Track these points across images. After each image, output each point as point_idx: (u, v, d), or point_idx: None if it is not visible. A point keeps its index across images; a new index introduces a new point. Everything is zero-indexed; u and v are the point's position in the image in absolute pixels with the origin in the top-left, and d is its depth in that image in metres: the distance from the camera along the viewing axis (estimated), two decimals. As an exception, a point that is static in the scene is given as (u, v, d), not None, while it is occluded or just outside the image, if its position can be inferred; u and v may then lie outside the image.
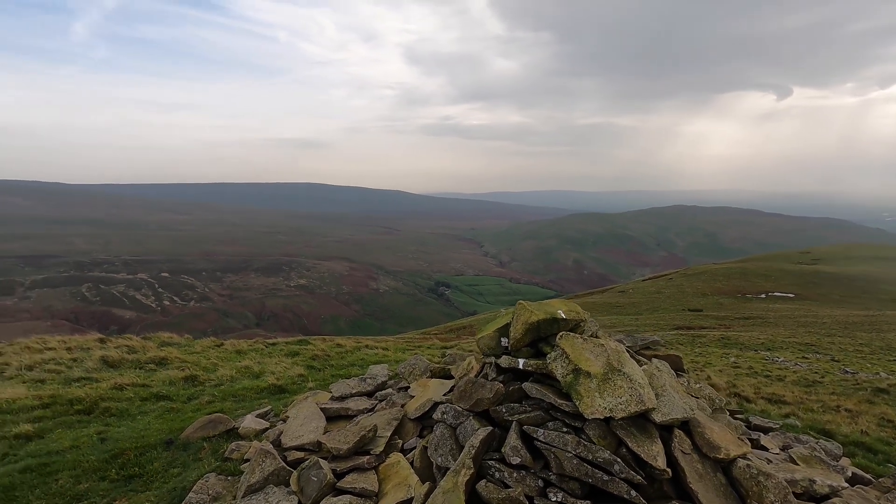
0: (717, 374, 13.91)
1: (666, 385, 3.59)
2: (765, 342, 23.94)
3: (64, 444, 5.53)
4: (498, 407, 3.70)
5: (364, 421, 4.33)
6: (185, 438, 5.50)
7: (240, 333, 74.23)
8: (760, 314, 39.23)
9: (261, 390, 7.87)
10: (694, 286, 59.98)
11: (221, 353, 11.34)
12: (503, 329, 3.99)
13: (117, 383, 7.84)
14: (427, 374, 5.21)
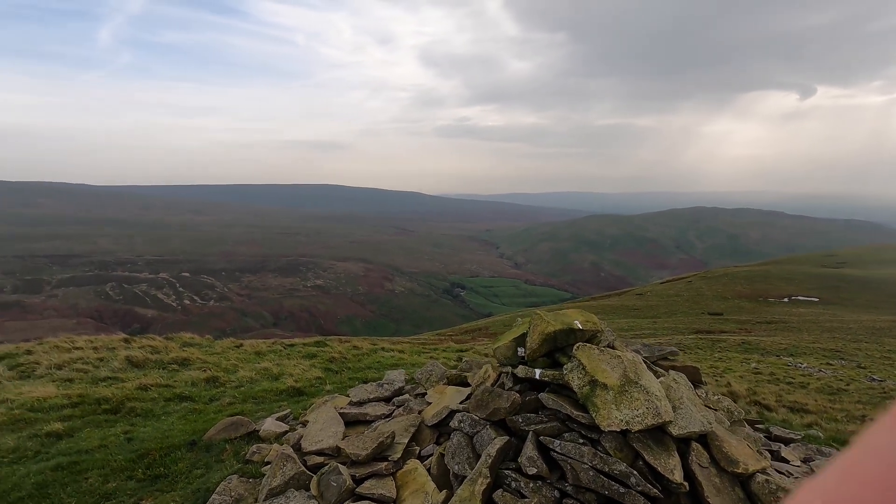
0: (738, 380, 13.68)
1: (683, 397, 3.58)
2: (787, 347, 23.43)
3: (92, 443, 5.73)
4: (514, 417, 3.73)
5: (382, 427, 4.40)
6: (207, 440, 5.65)
7: (257, 333, 75.34)
8: (783, 318, 38.39)
9: (280, 392, 8.02)
10: (714, 289, 58.95)
11: (241, 354, 11.56)
12: (520, 339, 4.02)
13: (142, 383, 8.07)
14: (444, 380, 5.26)
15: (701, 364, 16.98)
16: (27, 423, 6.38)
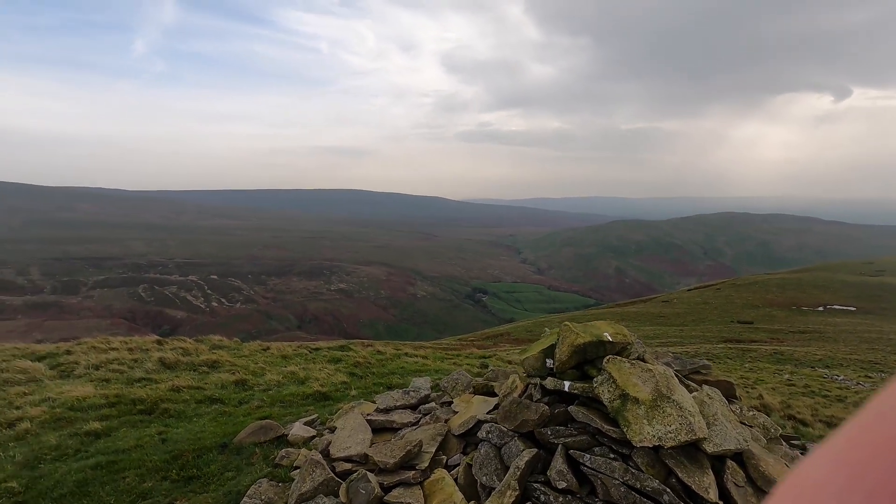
0: (770, 392, 13.24)
1: (717, 413, 3.50)
2: (823, 358, 22.57)
3: (129, 443, 5.92)
4: (543, 429, 3.71)
5: (409, 435, 4.43)
6: (238, 443, 5.78)
7: (282, 335, 76.62)
8: (818, 328, 37.01)
9: (306, 396, 8.14)
10: (744, 297, 57.24)
11: (268, 357, 11.77)
12: (548, 350, 4.00)
13: (174, 385, 8.31)
14: (469, 389, 5.26)
15: (731, 374, 16.49)
16: (68, 421, 6.64)
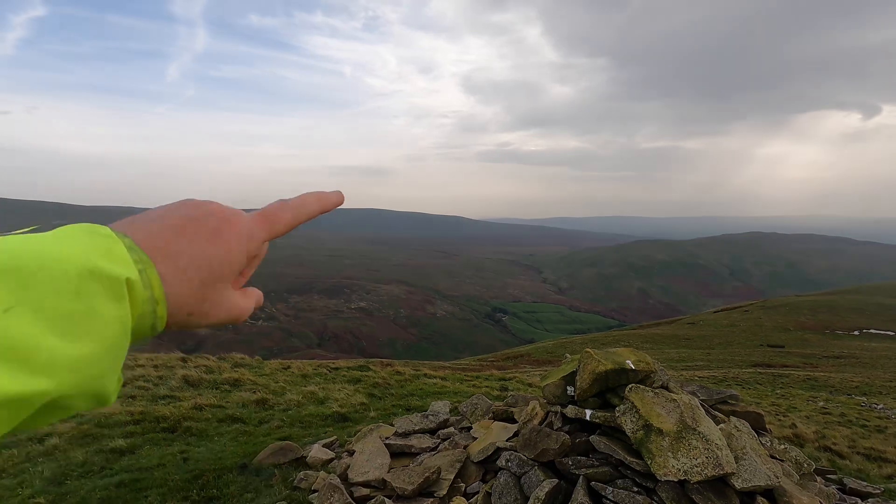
0: (804, 421, 12.70)
1: (746, 447, 3.37)
2: (860, 386, 21.60)
3: (152, 462, 6.00)
4: (564, 459, 3.63)
5: (428, 461, 4.39)
6: (257, 463, 5.81)
7: (302, 353, 77.21)
8: (853, 353, 35.52)
9: (325, 417, 8.15)
10: (774, 320, 55.46)
11: (288, 376, 11.87)
12: (569, 377, 3.94)
13: (197, 403, 8.43)
14: (489, 414, 5.20)
15: (761, 401, 15.89)
16: (94, 438, 6.78)
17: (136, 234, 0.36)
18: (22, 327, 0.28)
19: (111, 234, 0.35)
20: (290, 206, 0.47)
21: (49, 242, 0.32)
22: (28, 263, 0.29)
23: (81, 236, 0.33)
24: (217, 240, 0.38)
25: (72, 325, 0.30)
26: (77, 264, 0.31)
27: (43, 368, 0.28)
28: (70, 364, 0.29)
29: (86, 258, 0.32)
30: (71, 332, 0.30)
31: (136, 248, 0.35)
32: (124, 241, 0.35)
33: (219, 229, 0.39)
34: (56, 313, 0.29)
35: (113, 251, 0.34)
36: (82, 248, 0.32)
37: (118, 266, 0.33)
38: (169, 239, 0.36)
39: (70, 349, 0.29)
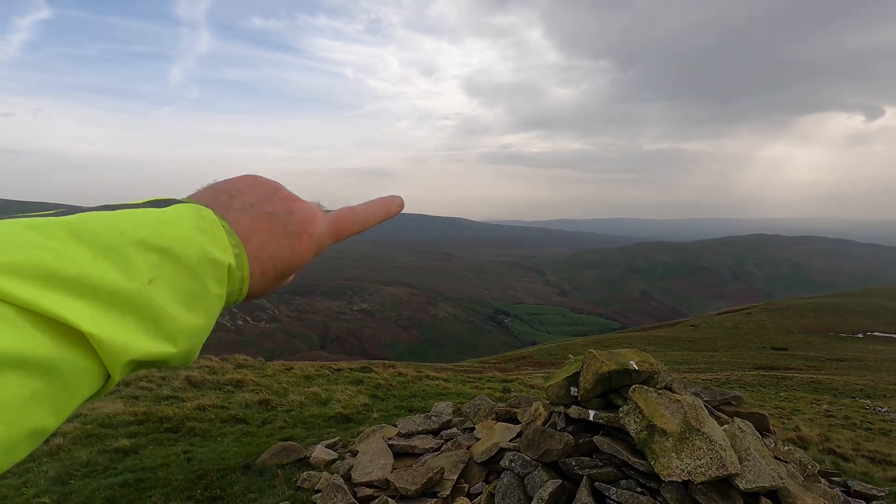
0: (808, 423, 12.63)
1: (750, 448, 3.37)
2: (864, 388, 21.48)
3: (156, 462, 6.02)
4: (567, 459, 3.63)
5: (431, 462, 4.39)
6: (260, 464, 5.82)
7: (305, 355, 77.25)
8: (857, 356, 35.37)
9: (328, 418, 8.16)
10: (777, 322, 55.27)
11: (291, 377, 11.88)
12: (572, 377, 3.94)
13: (200, 404, 8.45)
14: (492, 415, 5.20)
15: (765, 404, 15.82)
16: (98, 438, 6.80)
17: (229, 218, 0.39)
18: (163, 297, 0.31)
19: (214, 218, 0.38)
20: (358, 214, 0.51)
21: (172, 222, 0.33)
22: (164, 243, 0.32)
23: (193, 218, 0.36)
24: (295, 244, 0.43)
25: (191, 300, 0.33)
26: (195, 247, 0.34)
27: (171, 335, 0.31)
28: (188, 332, 0.33)
29: (200, 242, 0.35)
30: (191, 305, 0.33)
31: (232, 233, 0.39)
32: (223, 225, 0.38)
33: (299, 235, 0.43)
34: (181, 288, 0.32)
35: (216, 236, 0.37)
36: (195, 231, 0.35)
37: (222, 252, 0.36)
38: (257, 232, 0.40)
39: (190, 320, 0.33)
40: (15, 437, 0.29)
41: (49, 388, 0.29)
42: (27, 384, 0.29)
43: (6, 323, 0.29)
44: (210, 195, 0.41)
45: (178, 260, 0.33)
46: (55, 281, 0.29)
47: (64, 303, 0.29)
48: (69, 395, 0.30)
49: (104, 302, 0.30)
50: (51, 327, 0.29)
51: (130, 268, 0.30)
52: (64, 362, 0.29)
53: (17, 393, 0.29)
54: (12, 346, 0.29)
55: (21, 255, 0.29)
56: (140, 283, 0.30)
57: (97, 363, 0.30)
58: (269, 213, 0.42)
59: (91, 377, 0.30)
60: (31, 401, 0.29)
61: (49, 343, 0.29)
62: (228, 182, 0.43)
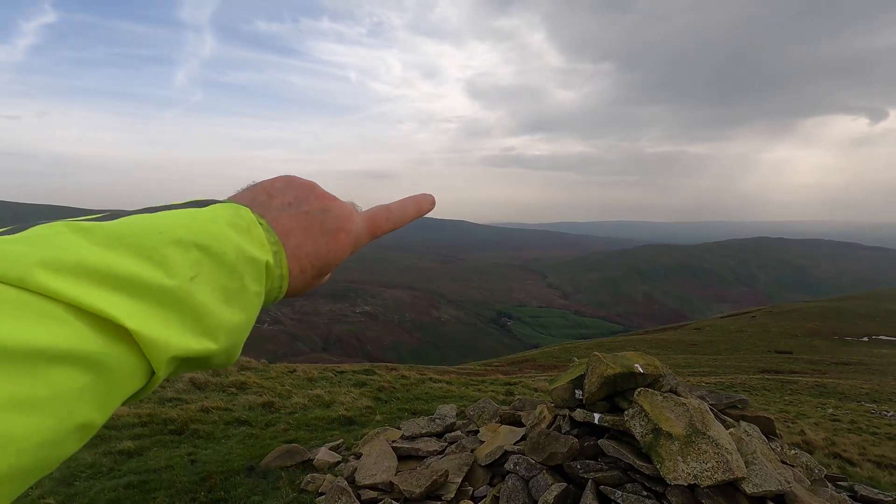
0: (813, 427, 12.55)
1: (757, 451, 3.35)
2: (869, 392, 21.34)
3: (160, 463, 6.03)
4: (572, 462, 3.62)
5: (435, 465, 4.39)
6: (264, 466, 5.82)
7: (307, 357, 77.31)
8: (862, 360, 35.14)
9: (331, 420, 8.16)
10: (781, 326, 55.00)
11: (294, 379, 11.88)
12: (577, 380, 3.93)
13: (204, 406, 8.46)
14: (496, 418, 5.19)
15: (769, 408, 15.73)
16: (102, 439, 6.81)
17: (268, 217, 0.41)
18: (203, 295, 0.32)
19: (252, 217, 0.39)
20: (392, 212, 0.52)
21: (208, 220, 0.35)
22: (205, 241, 0.33)
23: (229, 217, 0.37)
24: (333, 242, 0.44)
25: (230, 298, 0.34)
26: (233, 246, 0.35)
27: (211, 331, 0.32)
28: (229, 329, 0.33)
29: (238, 241, 0.36)
30: (230, 303, 0.34)
31: (271, 231, 0.40)
32: (261, 223, 0.39)
33: (336, 232, 0.44)
34: (220, 286, 0.33)
35: (253, 234, 0.37)
36: (231, 229, 0.36)
37: (259, 250, 0.37)
38: (295, 230, 0.42)
39: (230, 317, 0.33)
40: (64, 431, 0.30)
41: (96, 383, 0.30)
42: (76, 379, 0.30)
43: (55, 319, 0.30)
44: (249, 195, 0.43)
45: (216, 257, 0.33)
46: (100, 279, 0.30)
47: (109, 300, 0.30)
48: (115, 391, 0.30)
49: (147, 299, 0.30)
50: (97, 324, 0.30)
51: (171, 266, 0.31)
52: (110, 358, 0.30)
53: (66, 387, 0.30)
54: (62, 342, 0.30)
55: (68, 254, 0.30)
56: (181, 280, 0.31)
57: (142, 360, 0.30)
58: (306, 212, 0.43)
59: (136, 373, 0.30)
60: (80, 395, 0.30)
61: (96, 339, 0.30)
62: (266, 182, 0.44)
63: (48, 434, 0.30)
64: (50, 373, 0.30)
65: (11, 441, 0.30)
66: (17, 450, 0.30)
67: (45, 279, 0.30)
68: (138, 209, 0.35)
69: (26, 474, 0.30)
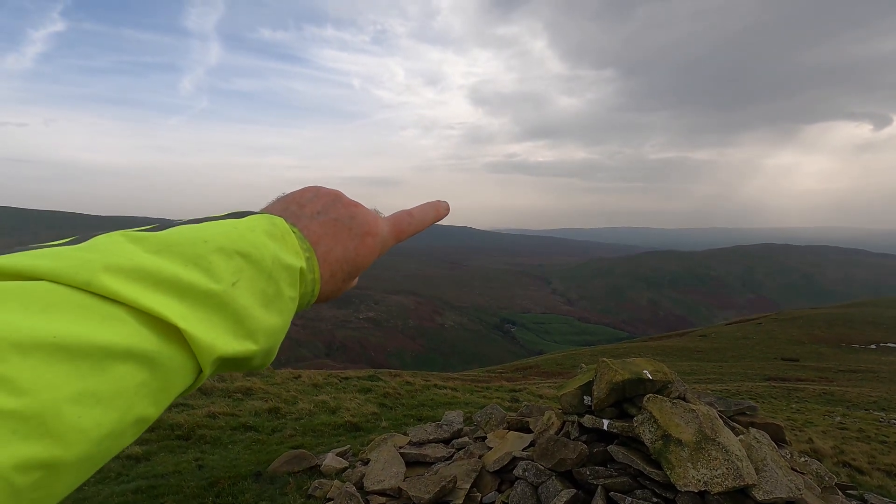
0: (821, 436, 12.43)
1: (767, 458, 3.34)
2: (878, 401, 21.12)
3: (167, 469, 6.05)
4: (581, 468, 3.62)
5: (444, 471, 4.39)
6: (271, 471, 5.83)
7: (311, 363, 77.31)
8: (870, 367, 34.81)
9: (337, 427, 8.16)
10: (788, 333, 54.58)
11: (299, 385, 11.90)
12: (586, 386, 3.94)
13: (210, 411, 8.48)
14: (503, 424, 5.19)
15: (777, 416, 15.60)
16: (110, 444, 6.85)
17: (300, 226, 0.43)
18: (244, 299, 0.34)
19: (286, 226, 0.41)
20: (414, 217, 0.55)
21: (247, 230, 0.38)
22: (245, 249, 0.36)
23: (266, 226, 0.39)
24: (361, 246, 0.46)
25: (268, 302, 0.36)
26: (270, 253, 0.38)
27: (252, 333, 0.34)
28: (267, 331, 0.36)
29: (274, 248, 0.38)
30: (268, 306, 0.36)
31: (304, 239, 0.42)
32: (294, 232, 0.42)
33: (363, 237, 0.47)
34: (259, 290, 0.36)
35: (287, 242, 0.40)
36: (267, 237, 0.38)
37: (293, 257, 0.40)
38: (325, 237, 0.44)
39: (269, 320, 0.36)
40: (125, 424, 0.32)
41: (152, 379, 0.32)
42: (136, 375, 0.32)
43: (116, 320, 0.33)
44: (280, 206, 0.46)
45: (255, 264, 0.36)
46: (154, 283, 0.33)
47: (162, 302, 0.32)
48: (167, 388, 0.32)
49: (195, 302, 0.33)
50: (152, 324, 0.33)
51: (215, 272, 0.34)
52: (164, 356, 0.32)
53: (127, 383, 0.32)
54: (123, 340, 0.33)
55: (126, 261, 0.33)
56: (225, 285, 0.34)
57: (190, 359, 0.33)
58: (334, 219, 0.46)
59: (185, 372, 0.33)
60: (139, 391, 0.32)
61: (151, 338, 0.33)
62: (295, 194, 0.47)
63: (111, 426, 0.32)
64: (113, 369, 0.33)
65: (81, 432, 0.32)
66: (86, 440, 0.32)
67: (109, 282, 0.33)
68: (183, 220, 0.38)
69: (90, 463, 0.33)
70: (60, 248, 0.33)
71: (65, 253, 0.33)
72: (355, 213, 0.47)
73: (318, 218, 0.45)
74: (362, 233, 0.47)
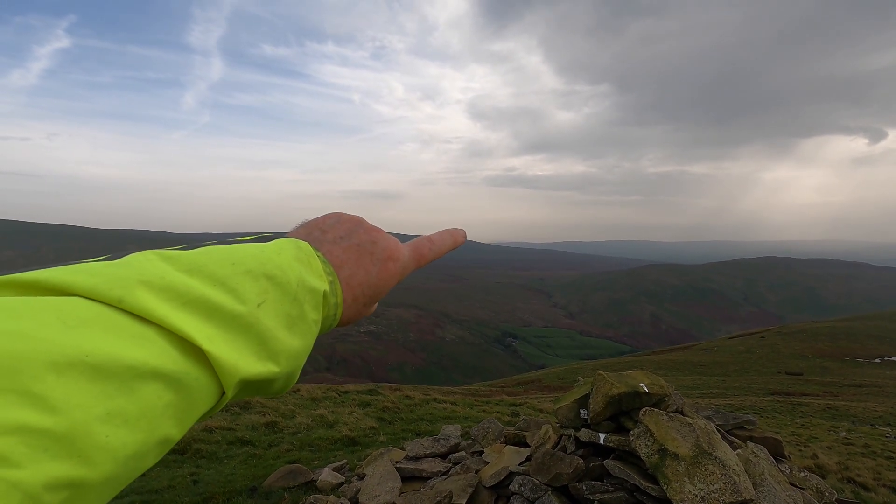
0: (826, 451, 12.27)
1: (765, 473, 3.30)
2: (883, 416, 20.87)
3: (162, 483, 5.99)
4: (578, 484, 3.58)
5: (439, 485, 4.34)
6: (267, 486, 5.77)
7: (311, 377, 76.80)
8: (876, 382, 34.49)
9: (335, 441, 8.09)
10: (791, 346, 54.20)
11: (298, 399, 11.82)
12: (582, 400, 3.91)
13: (207, 425, 8.41)
14: (501, 438, 5.14)
15: (781, 431, 15.42)
16: (105, 459, 6.79)
17: (323, 251, 0.44)
18: (269, 320, 0.34)
19: (311, 250, 0.41)
20: (434, 243, 0.56)
21: (275, 253, 0.38)
22: (271, 271, 0.36)
23: (292, 250, 0.40)
24: (383, 271, 0.47)
25: (292, 324, 0.36)
26: (295, 275, 0.38)
27: (275, 355, 0.34)
28: (290, 354, 0.36)
29: (299, 271, 0.38)
30: (291, 329, 0.37)
31: (327, 263, 0.43)
32: (318, 256, 0.42)
33: (385, 262, 0.47)
34: (283, 313, 0.36)
35: (311, 265, 0.40)
36: (294, 261, 0.39)
37: (317, 280, 0.40)
38: (347, 261, 0.45)
39: (291, 342, 0.36)
40: (149, 445, 0.33)
41: (178, 400, 0.33)
42: (162, 396, 0.33)
43: (147, 340, 0.33)
44: (304, 231, 0.46)
45: (280, 286, 0.36)
46: (183, 303, 0.33)
47: (189, 322, 0.33)
48: (192, 409, 0.33)
49: (220, 323, 0.33)
50: (178, 345, 0.33)
51: (241, 294, 0.34)
52: (189, 377, 0.33)
53: (154, 403, 0.33)
54: (151, 360, 0.33)
55: (158, 279, 0.33)
56: (250, 307, 0.34)
57: (214, 380, 0.33)
58: (357, 244, 0.46)
59: (209, 393, 0.33)
60: (164, 411, 0.33)
61: (177, 359, 0.33)
62: (319, 219, 0.48)
63: (137, 447, 0.33)
64: (141, 389, 0.33)
65: (108, 452, 0.33)
66: (112, 460, 0.33)
67: (142, 299, 0.33)
68: (211, 241, 0.38)
69: (114, 483, 0.33)
70: (95, 264, 0.34)
71: (99, 269, 0.33)
72: (377, 239, 0.48)
73: (340, 243, 0.45)
74: (384, 258, 0.47)
